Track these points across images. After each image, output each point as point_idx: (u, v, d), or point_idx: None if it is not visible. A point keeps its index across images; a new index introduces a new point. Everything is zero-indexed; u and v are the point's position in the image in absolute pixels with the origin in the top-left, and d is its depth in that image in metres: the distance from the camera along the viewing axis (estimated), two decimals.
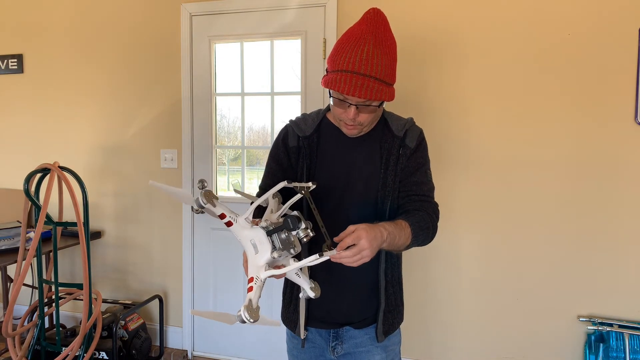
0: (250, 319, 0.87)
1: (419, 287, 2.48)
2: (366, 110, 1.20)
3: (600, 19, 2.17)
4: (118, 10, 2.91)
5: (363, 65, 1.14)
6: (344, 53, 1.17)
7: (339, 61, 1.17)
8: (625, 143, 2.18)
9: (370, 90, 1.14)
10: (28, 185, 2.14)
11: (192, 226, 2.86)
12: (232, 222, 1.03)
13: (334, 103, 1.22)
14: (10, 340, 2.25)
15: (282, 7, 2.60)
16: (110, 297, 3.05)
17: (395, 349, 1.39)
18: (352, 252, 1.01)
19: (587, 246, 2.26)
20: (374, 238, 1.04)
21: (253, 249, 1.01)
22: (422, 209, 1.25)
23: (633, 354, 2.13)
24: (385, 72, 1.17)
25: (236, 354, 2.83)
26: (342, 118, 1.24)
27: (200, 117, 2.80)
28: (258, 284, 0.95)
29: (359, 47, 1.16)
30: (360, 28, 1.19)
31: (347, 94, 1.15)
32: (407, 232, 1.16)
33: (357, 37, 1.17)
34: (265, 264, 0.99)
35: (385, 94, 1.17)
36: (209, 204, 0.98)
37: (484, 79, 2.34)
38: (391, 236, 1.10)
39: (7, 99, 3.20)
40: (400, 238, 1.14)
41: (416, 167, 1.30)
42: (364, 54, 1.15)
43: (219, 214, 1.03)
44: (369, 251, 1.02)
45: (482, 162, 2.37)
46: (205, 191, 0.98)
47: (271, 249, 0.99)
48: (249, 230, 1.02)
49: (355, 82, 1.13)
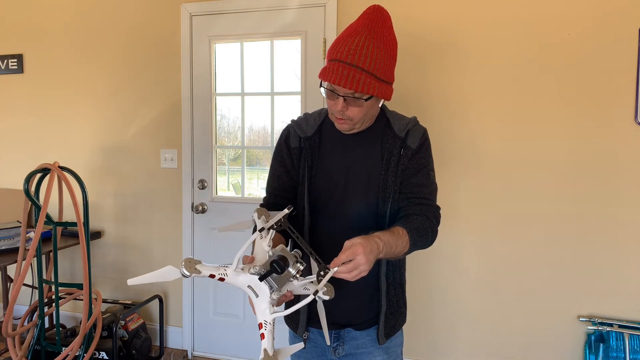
0: None
1: (419, 287, 2.49)
2: (354, 104, 1.17)
3: (600, 19, 2.17)
4: (118, 11, 2.90)
5: (351, 54, 1.12)
6: (338, 45, 1.16)
7: (332, 52, 1.17)
8: (625, 143, 2.18)
9: (357, 81, 1.11)
10: (28, 185, 2.14)
11: (192, 226, 2.86)
12: (224, 277, 1.00)
13: (325, 94, 1.21)
14: (10, 340, 2.25)
15: (282, 7, 2.59)
16: (110, 297, 3.05)
17: (397, 351, 1.38)
18: (348, 268, 1.00)
19: (587, 246, 2.26)
20: (370, 252, 1.02)
21: (253, 293, 1.00)
22: (422, 213, 1.23)
23: (633, 354, 2.13)
24: (376, 66, 1.13)
25: (236, 354, 2.83)
26: (332, 111, 1.22)
27: (200, 117, 2.80)
28: (268, 328, 0.96)
29: (351, 38, 1.15)
30: (357, 22, 1.18)
31: (332, 82, 1.13)
32: (405, 239, 1.14)
33: (353, 30, 1.17)
34: (270, 306, 0.98)
35: (375, 89, 1.14)
36: (194, 273, 0.95)
37: (484, 79, 2.34)
38: (387, 246, 1.09)
39: (7, 99, 3.20)
40: (397, 247, 1.12)
41: (418, 169, 1.28)
42: (354, 44, 1.13)
43: (208, 275, 1.00)
44: (366, 265, 1.01)
45: (483, 163, 2.37)
46: (185, 260, 0.95)
47: (269, 291, 0.99)
48: (243, 277, 1.00)
49: (342, 71, 1.11)
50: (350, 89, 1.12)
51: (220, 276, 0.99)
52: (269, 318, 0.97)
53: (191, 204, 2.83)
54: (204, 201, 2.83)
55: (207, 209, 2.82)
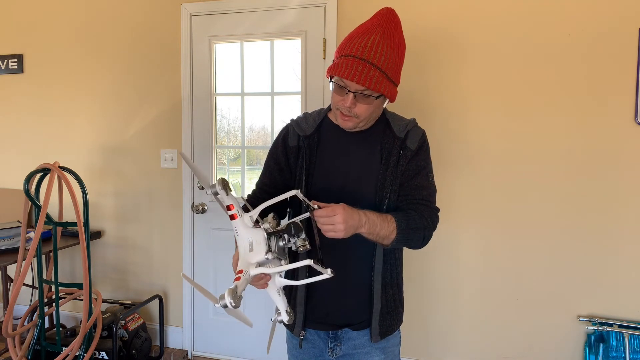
0: (232, 302, 0.89)
1: (418, 287, 2.48)
2: (364, 101, 1.19)
3: (600, 19, 2.17)
4: (118, 11, 2.90)
5: (367, 51, 1.14)
6: (351, 41, 1.18)
7: (344, 48, 1.18)
8: (625, 143, 2.18)
9: (370, 78, 1.13)
10: (28, 185, 2.14)
11: (192, 226, 2.86)
12: (237, 215, 1.04)
13: (334, 89, 1.22)
14: (10, 340, 2.25)
15: (282, 7, 2.59)
16: (110, 297, 3.05)
17: (394, 351, 1.38)
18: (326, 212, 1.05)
19: (587, 246, 2.26)
20: (350, 217, 1.07)
21: (249, 246, 1.03)
22: (417, 211, 1.24)
23: (633, 354, 2.13)
24: (389, 65, 1.16)
25: (236, 354, 2.83)
26: (339, 106, 1.23)
27: (200, 117, 2.80)
28: (246, 277, 0.98)
29: (366, 35, 1.17)
30: (371, 21, 1.20)
31: (345, 77, 1.14)
32: (392, 225, 1.16)
33: (367, 29, 1.18)
34: (256, 263, 1.02)
35: (386, 88, 1.16)
36: (223, 191, 0.99)
37: (483, 78, 2.34)
38: (371, 223, 1.12)
39: (7, 99, 3.20)
40: (382, 229, 1.14)
41: (417, 171, 1.29)
42: (370, 42, 1.15)
43: (227, 204, 1.03)
44: (342, 225, 1.04)
45: (482, 164, 2.37)
46: (221, 179, 1.00)
47: (266, 250, 1.02)
48: (250, 229, 1.04)
49: (357, 67, 1.13)
50: (363, 85, 1.13)
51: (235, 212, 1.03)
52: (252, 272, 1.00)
53: (191, 204, 2.83)
54: (204, 201, 2.80)
55: (207, 209, 2.78)
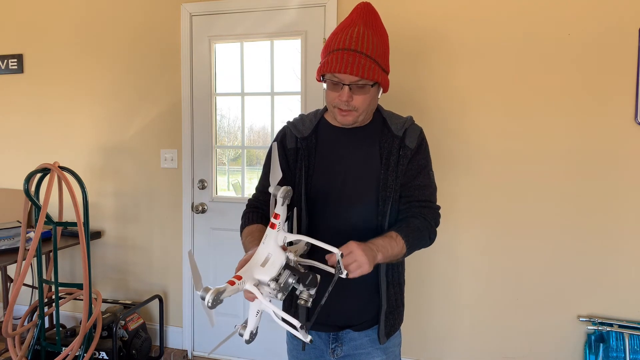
0: (210, 302, 0.85)
1: (418, 286, 2.48)
2: (360, 91, 1.18)
3: (600, 19, 2.17)
4: (118, 11, 2.90)
5: (354, 42, 1.14)
6: (336, 37, 1.18)
7: (331, 45, 1.18)
8: (625, 143, 2.18)
9: (362, 67, 1.13)
10: (28, 185, 2.14)
11: (192, 226, 2.86)
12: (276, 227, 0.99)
13: (328, 87, 1.21)
14: (10, 340, 2.25)
15: (282, 7, 2.59)
16: (110, 297, 3.05)
17: (395, 351, 1.38)
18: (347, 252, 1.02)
19: (587, 246, 2.26)
20: (366, 247, 1.05)
21: (263, 260, 0.98)
22: (419, 216, 1.24)
23: (633, 354, 2.13)
24: (377, 52, 1.16)
25: (236, 354, 2.83)
26: (335, 103, 1.22)
27: (200, 117, 2.80)
28: (239, 286, 0.92)
29: (349, 28, 1.18)
30: (351, 17, 1.22)
31: (337, 71, 1.14)
32: (400, 242, 1.16)
33: (349, 23, 1.20)
34: (257, 280, 0.96)
35: (379, 75, 1.17)
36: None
37: (483, 78, 2.34)
38: (382, 248, 1.10)
39: (7, 98, 3.20)
40: (393, 248, 1.14)
41: (418, 170, 1.28)
42: (355, 33, 1.16)
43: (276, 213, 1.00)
44: (364, 258, 1.02)
45: (481, 163, 2.37)
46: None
47: (274, 277, 0.96)
48: (277, 247, 0.99)
49: (347, 58, 1.13)
50: (356, 76, 1.14)
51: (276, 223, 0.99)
52: (247, 286, 0.94)
53: (191, 204, 2.83)
54: (204, 201, 2.83)
55: (207, 209, 2.82)
